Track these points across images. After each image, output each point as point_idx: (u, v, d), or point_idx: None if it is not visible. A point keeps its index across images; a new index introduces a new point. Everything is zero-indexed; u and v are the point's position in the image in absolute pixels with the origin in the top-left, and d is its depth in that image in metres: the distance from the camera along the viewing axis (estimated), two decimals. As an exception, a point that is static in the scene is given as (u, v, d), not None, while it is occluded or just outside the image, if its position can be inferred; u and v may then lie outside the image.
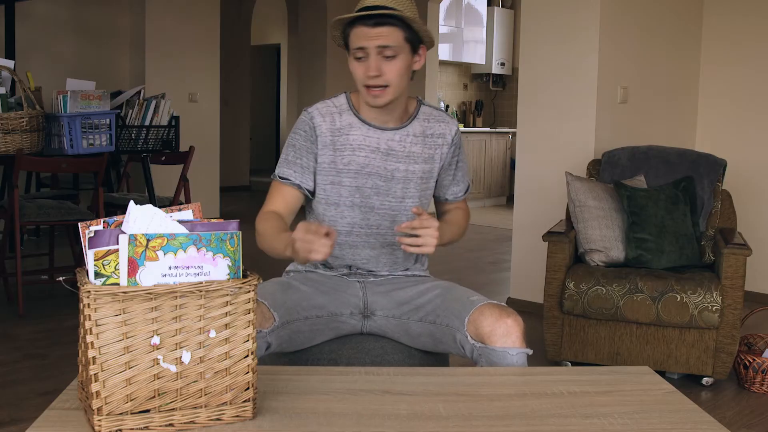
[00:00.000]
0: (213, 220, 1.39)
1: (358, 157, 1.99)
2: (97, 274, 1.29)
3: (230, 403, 1.35)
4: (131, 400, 1.28)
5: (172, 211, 1.41)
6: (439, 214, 2.21)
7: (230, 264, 1.34)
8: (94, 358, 1.26)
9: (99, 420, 1.27)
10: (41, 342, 3.71)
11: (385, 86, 1.90)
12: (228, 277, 1.34)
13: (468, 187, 2.19)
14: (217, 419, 1.34)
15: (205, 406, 1.33)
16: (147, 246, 1.28)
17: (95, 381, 1.26)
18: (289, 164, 2.01)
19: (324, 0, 7.84)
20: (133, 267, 1.27)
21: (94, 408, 1.27)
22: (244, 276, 1.37)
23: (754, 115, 4.88)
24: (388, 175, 2.01)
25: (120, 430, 1.28)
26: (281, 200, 2.00)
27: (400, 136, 2.02)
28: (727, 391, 3.25)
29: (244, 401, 1.36)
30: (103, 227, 1.33)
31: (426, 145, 2.05)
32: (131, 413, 1.29)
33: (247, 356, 1.36)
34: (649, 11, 4.55)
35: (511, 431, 1.36)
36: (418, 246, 1.81)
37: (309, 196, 2.04)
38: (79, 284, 1.29)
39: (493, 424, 1.38)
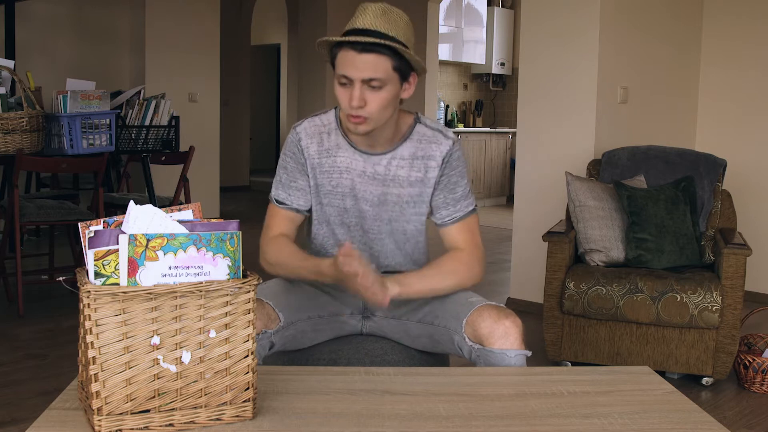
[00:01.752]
0: (213, 220, 1.39)
1: (344, 180, 1.95)
2: (97, 274, 1.29)
3: (230, 403, 1.35)
4: (131, 400, 1.28)
5: (172, 211, 1.41)
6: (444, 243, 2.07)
7: (230, 264, 1.34)
8: (94, 358, 1.26)
9: (99, 420, 1.27)
10: (41, 342, 3.71)
11: (366, 117, 1.82)
12: (228, 277, 1.34)
13: (462, 215, 2.02)
14: (217, 419, 1.34)
15: (205, 406, 1.34)
16: (147, 246, 1.28)
17: (95, 381, 1.26)
18: (284, 187, 2.00)
19: (324, 0, 7.84)
20: (133, 267, 1.27)
21: (94, 408, 1.27)
22: (244, 276, 1.37)
23: (754, 116, 4.88)
24: (374, 200, 1.96)
25: (120, 430, 1.28)
26: (284, 223, 1.99)
27: (386, 161, 1.95)
28: (727, 391, 3.25)
29: (244, 401, 1.36)
30: (103, 227, 1.33)
31: (414, 168, 1.96)
32: (131, 413, 1.29)
33: (247, 356, 1.36)
34: (649, 11, 4.55)
35: (511, 431, 1.36)
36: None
37: (306, 215, 2.03)
38: (79, 284, 1.29)
39: (493, 424, 1.38)
